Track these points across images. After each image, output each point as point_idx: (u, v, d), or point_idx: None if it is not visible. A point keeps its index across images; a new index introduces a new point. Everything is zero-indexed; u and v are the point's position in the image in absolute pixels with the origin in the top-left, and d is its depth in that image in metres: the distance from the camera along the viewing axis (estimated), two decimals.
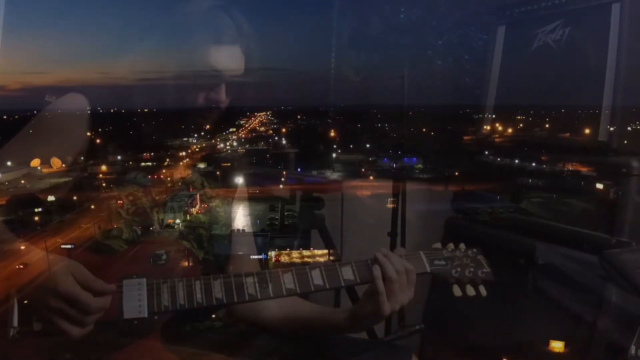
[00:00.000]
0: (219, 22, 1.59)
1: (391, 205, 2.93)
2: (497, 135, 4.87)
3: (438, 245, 1.44)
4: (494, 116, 4.87)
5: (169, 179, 1.74)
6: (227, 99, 1.64)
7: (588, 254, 2.13)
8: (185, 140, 1.81)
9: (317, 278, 1.27)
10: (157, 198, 1.70)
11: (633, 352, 1.72)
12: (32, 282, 1.12)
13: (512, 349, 2.58)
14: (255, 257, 1.59)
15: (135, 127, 1.68)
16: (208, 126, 1.80)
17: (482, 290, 1.37)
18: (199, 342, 1.44)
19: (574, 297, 2.23)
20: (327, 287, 1.27)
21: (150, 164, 1.75)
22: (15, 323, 1.10)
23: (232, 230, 1.68)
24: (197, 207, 1.72)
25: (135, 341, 1.18)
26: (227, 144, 1.97)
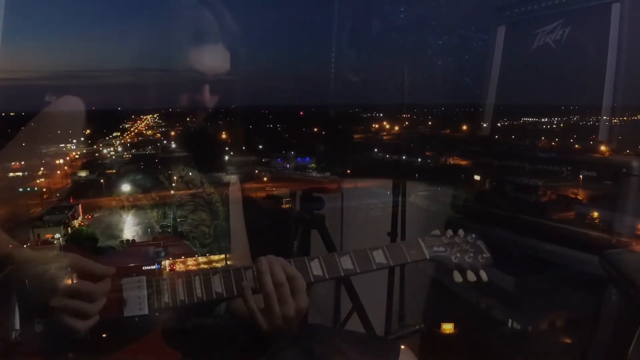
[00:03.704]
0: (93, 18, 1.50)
1: (286, 206, 2.93)
2: (385, 134, 5.11)
3: (437, 232, 1.42)
4: (381, 114, 5.10)
5: (44, 189, 1.59)
6: (109, 101, 1.54)
7: (588, 254, 2.15)
8: (62, 147, 1.66)
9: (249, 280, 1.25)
10: (32, 211, 1.54)
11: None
12: (64, 277, 1.12)
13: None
14: (148, 267, 1.51)
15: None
16: (88, 131, 1.67)
17: (483, 276, 1.36)
18: (200, 338, 1.42)
19: (572, 298, 2.27)
20: (225, 295, 1.24)
21: (20, 174, 1.58)
22: (17, 325, 1.10)
23: (122, 241, 1.59)
24: (80, 219, 1.59)
25: (137, 339, 1.18)
26: (111, 149, 1.85)
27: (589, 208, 2.49)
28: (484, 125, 3.14)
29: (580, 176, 2.56)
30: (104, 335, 1.16)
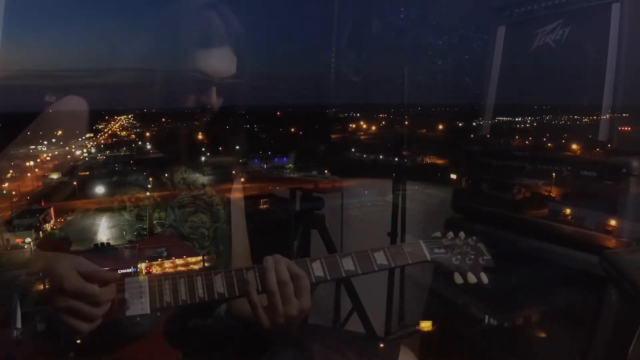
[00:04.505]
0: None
1: (264, 207, 2.91)
2: (362, 133, 5.14)
3: (437, 234, 1.44)
4: (358, 114, 5.11)
5: (13, 192, 1.55)
6: (81, 102, 1.52)
7: (588, 254, 2.14)
8: (32, 149, 1.62)
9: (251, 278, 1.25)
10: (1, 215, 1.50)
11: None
12: (35, 283, 1.15)
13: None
14: (124, 271, 1.49)
15: None
16: (60, 132, 1.64)
17: (484, 278, 1.37)
18: (201, 339, 1.43)
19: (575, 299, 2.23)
20: (227, 296, 1.25)
21: None
22: (19, 324, 1.11)
23: (96, 245, 1.55)
24: (52, 222, 1.55)
25: (138, 338, 1.20)
26: (85, 150, 1.81)
27: (570, 205, 2.53)
28: (483, 124, 3.13)
29: (553, 174, 2.61)
30: (105, 335, 1.17)
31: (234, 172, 1.85)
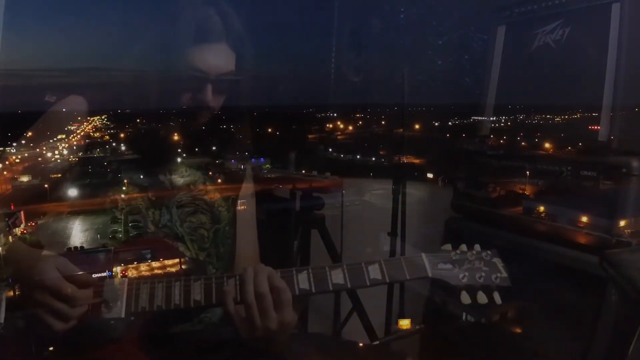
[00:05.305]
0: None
1: (241, 207, 2.89)
2: (339, 133, 5.15)
3: (448, 246, 1.31)
4: (335, 114, 5.12)
5: None
6: (53, 102, 1.49)
7: (588, 254, 2.13)
8: (0, 150, 1.58)
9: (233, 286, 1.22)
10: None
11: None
12: (18, 278, 1.16)
13: None
14: (98, 275, 1.46)
15: None
16: (30, 133, 1.60)
17: (497, 298, 1.24)
18: (188, 344, 1.42)
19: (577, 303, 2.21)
20: (203, 304, 1.22)
21: None
22: (2, 319, 1.11)
23: (69, 249, 1.52)
24: (22, 226, 1.51)
25: (113, 342, 1.19)
26: (56, 152, 1.77)
27: (543, 202, 2.57)
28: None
29: (528, 172, 2.65)
30: (78, 336, 1.16)
31: (239, 171, 1.83)
